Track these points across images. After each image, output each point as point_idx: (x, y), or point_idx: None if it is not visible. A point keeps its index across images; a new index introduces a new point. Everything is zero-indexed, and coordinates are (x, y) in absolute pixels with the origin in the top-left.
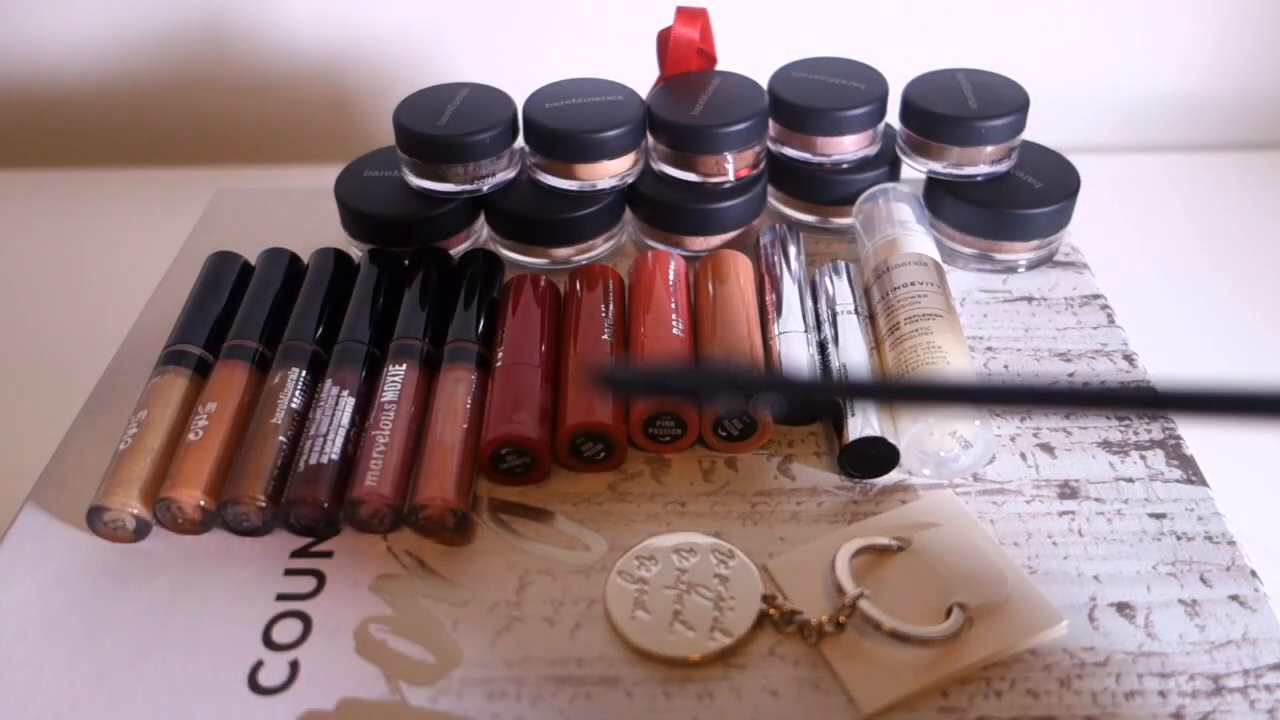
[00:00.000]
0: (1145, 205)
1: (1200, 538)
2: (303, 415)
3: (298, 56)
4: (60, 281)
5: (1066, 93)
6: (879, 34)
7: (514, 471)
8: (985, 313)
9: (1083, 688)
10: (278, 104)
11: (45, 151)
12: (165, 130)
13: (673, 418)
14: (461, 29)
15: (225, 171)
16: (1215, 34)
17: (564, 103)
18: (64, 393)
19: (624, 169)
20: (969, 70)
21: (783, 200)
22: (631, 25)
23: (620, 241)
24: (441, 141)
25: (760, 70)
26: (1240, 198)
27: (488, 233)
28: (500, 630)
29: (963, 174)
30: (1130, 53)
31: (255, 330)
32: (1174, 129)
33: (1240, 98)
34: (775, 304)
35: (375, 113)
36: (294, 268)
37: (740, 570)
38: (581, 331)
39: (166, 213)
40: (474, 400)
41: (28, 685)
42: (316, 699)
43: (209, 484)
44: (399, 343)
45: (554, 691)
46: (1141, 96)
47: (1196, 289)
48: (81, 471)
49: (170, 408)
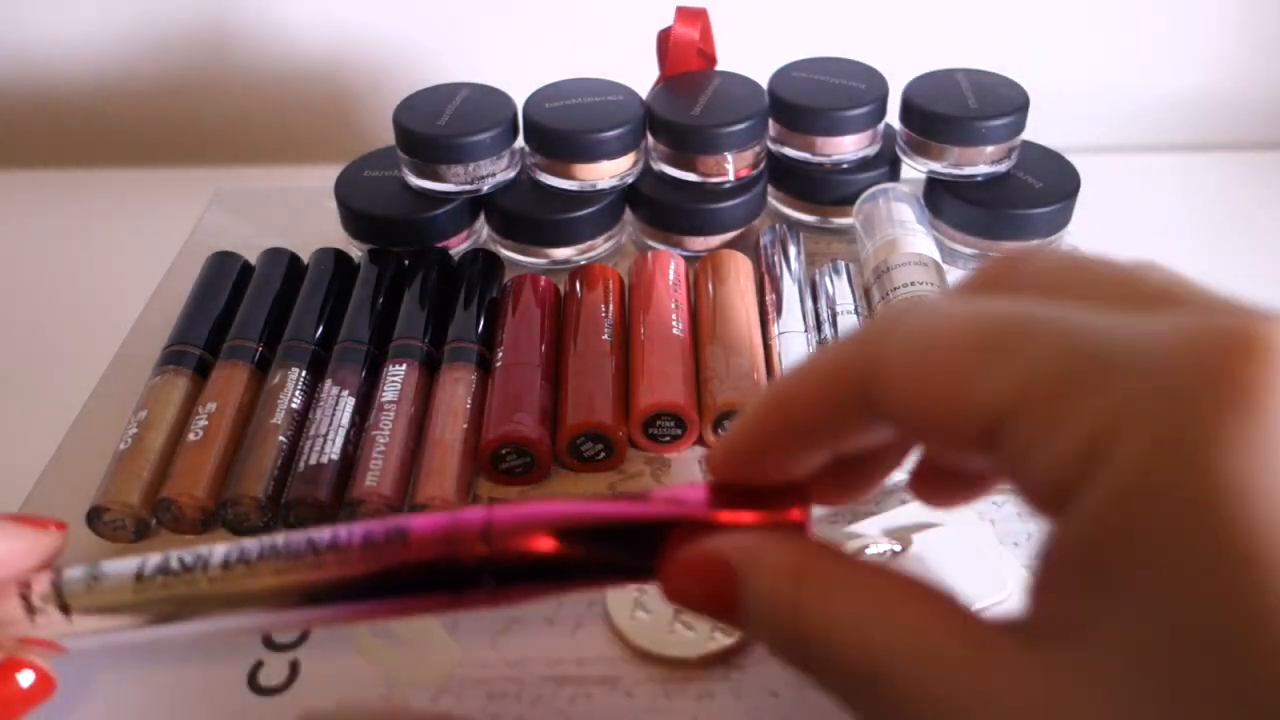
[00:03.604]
0: (1145, 205)
1: None
2: (303, 415)
3: (298, 56)
4: (60, 281)
5: (1066, 93)
6: (879, 34)
7: (514, 471)
8: None
9: None
10: (278, 104)
11: (45, 151)
12: (165, 130)
13: (673, 418)
14: (461, 29)
15: (225, 171)
16: (1215, 34)
17: (564, 103)
18: (64, 393)
19: (624, 169)
20: (969, 70)
21: (783, 200)
22: (631, 25)
23: (620, 241)
24: (441, 141)
25: (760, 70)
26: (1240, 198)
27: (488, 233)
28: (500, 630)
29: (963, 174)
30: (1131, 53)
31: (255, 330)
32: (1174, 129)
33: (1240, 98)
34: (775, 304)
35: (375, 113)
36: (294, 268)
37: None
38: (581, 331)
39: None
40: (474, 400)
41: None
42: (316, 699)
43: (209, 484)
44: (399, 343)
45: (554, 691)
46: (1142, 96)
47: None
48: (81, 471)
49: (170, 408)
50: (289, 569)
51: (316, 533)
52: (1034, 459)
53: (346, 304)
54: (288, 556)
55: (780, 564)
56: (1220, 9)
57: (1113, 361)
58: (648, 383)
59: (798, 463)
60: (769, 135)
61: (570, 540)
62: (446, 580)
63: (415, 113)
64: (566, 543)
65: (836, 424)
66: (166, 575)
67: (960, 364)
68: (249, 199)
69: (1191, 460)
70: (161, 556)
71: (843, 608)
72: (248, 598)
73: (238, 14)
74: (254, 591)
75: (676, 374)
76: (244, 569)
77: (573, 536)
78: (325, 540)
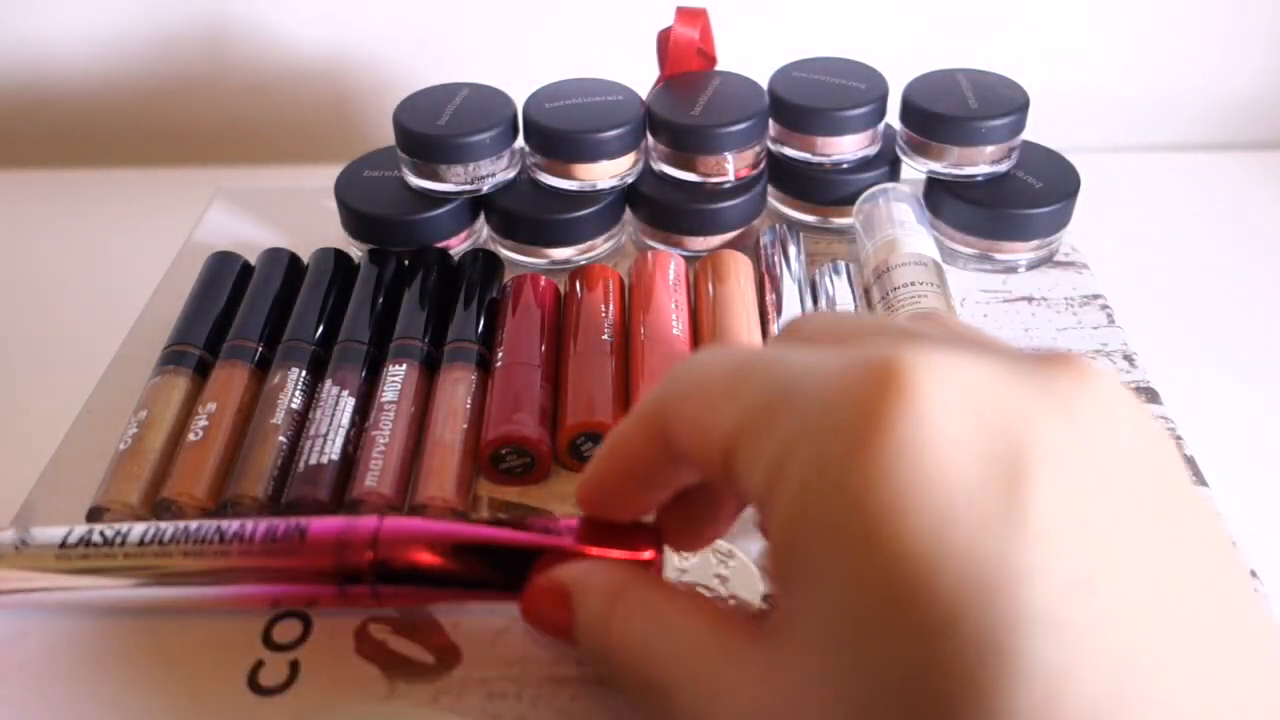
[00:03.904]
0: (1145, 205)
1: None
2: (303, 415)
3: (298, 56)
4: (60, 281)
5: (1066, 93)
6: (879, 34)
7: (514, 471)
8: (985, 313)
9: None
10: (278, 104)
11: (45, 151)
12: (165, 130)
13: None
14: (461, 29)
15: (225, 171)
16: (1215, 34)
17: (564, 103)
18: (64, 393)
19: (624, 169)
20: (969, 70)
21: (783, 200)
22: (631, 25)
23: (620, 241)
24: (441, 141)
25: (760, 70)
26: (1240, 198)
27: (488, 233)
28: (500, 630)
29: (963, 174)
30: (1130, 53)
31: (255, 330)
32: (1174, 129)
33: (1240, 98)
34: (775, 304)
35: (375, 113)
36: (294, 268)
37: (740, 570)
38: (581, 331)
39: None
40: (474, 400)
41: (27, 685)
42: (316, 699)
43: (209, 484)
44: (399, 343)
45: (554, 691)
46: (1141, 96)
47: (1196, 289)
48: (81, 471)
49: (170, 407)
50: (197, 553)
51: (226, 523)
52: (746, 482)
53: (346, 304)
54: (197, 542)
55: (600, 588)
56: (1221, 9)
57: (794, 395)
58: (647, 383)
59: (646, 500)
60: (769, 135)
61: (448, 555)
62: (334, 576)
63: (415, 113)
64: (444, 557)
65: (659, 465)
66: (88, 547)
67: (708, 402)
68: (249, 199)
69: (837, 487)
70: (86, 529)
71: (637, 624)
72: (158, 574)
73: (238, 14)
74: (163, 569)
75: None
76: (157, 548)
77: (451, 553)
78: (232, 531)
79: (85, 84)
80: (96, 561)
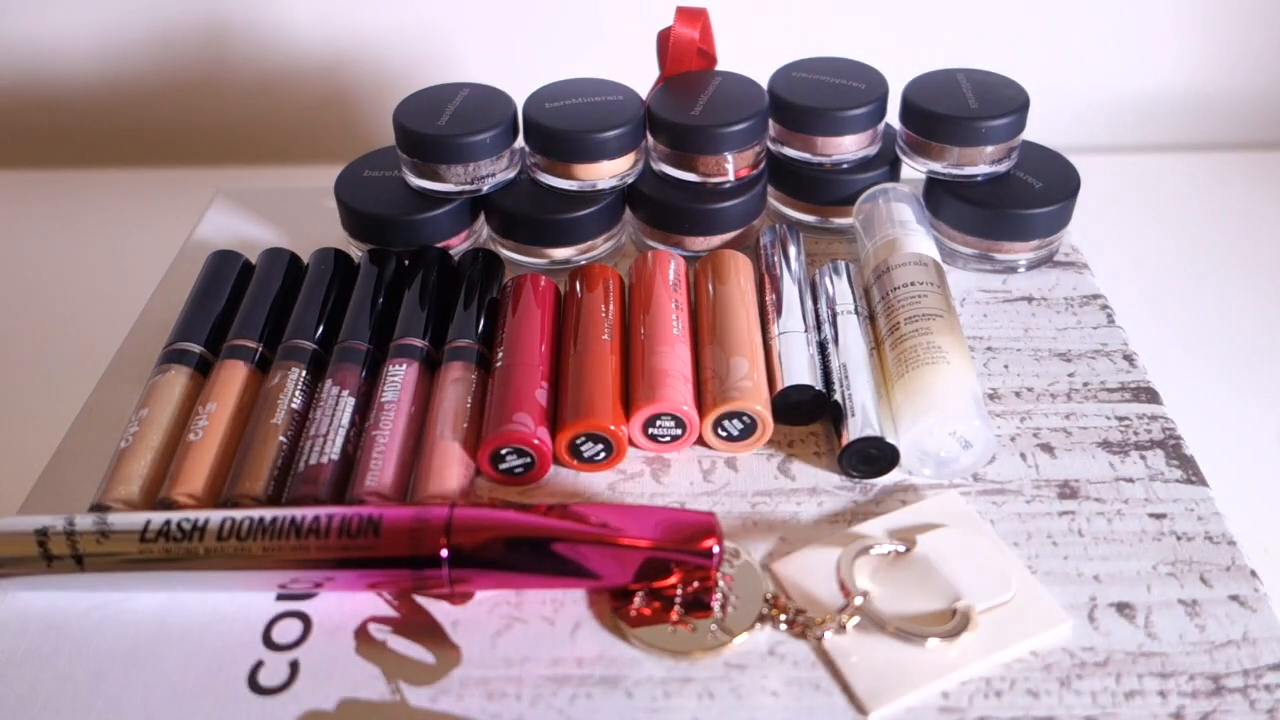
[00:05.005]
0: (1145, 205)
1: (1200, 538)
2: (303, 415)
3: (298, 56)
4: (60, 281)
5: (1066, 93)
6: (879, 34)
7: (514, 471)
8: (985, 313)
9: (1083, 688)
10: (278, 104)
11: (45, 151)
12: (165, 130)
13: (673, 418)
14: (461, 29)
15: (225, 171)
16: (1215, 34)
17: (564, 103)
18: (64, 393)
19: (624, 169)
20: (969, 70)
21: (783, 200)
22: (631, 25)
23: (620, 241)
24: (441, 141)
25: (760, 70)
26: (1240, 198)
27: (488, 233)
28: (500, 630)
29: (963, 174)
30: (1130, 52)
31: (255, 330)
32: (1174, 129)
33: (1240, 98)
34: (775, 304)
35: (375, 113)
36: (294, 268)
37: (744, 570)
38: (581, 331)
39: (166, 213)
40: (474, 400)
41: (28, 685)
42: (316, 699)
43: (209, 483)
44: (399, 343)
45: (554, 691)
46: (1141, 96)
47: (1196, 289)
48: (82, 470)
49: (171, 406)
50: (276, 547)
51: (299, 514)
52: None
53: (346, 304)
54: (274, 536)
55: None
56: (1220, 9)
57: None
58: (647, 383)
59: None
60: (769, 135)
61: (515, 546)
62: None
63: (415, 113)
64: (511, 548)
65: None
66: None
67: None
68: (249, 199)
69: None
70: (162, 518)
71: None
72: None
73: (238, 14)
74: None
75: (676, 374)
76: (236, 543)
77: (519, 542)
78: (307, 525)
79: (85, 84)
80: (177, 552)
